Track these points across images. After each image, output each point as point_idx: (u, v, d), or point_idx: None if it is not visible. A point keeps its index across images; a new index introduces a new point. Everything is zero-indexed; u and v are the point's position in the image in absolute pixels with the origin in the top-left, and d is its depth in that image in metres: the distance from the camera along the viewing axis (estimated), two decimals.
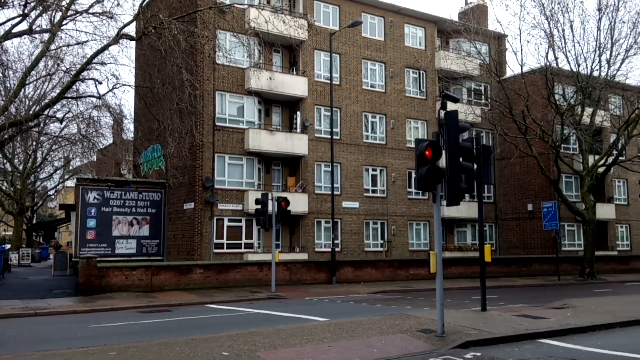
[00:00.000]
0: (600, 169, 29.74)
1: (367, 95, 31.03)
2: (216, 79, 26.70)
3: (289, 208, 20.67)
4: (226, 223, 26.46)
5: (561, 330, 11.14)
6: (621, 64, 28.31)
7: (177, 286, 21.39)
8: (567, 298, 17.38)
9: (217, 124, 26.64)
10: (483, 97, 35.06)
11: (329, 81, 28.04)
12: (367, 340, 10.05)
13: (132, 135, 30.59)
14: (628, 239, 38.89)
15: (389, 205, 31.10)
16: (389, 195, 31.23)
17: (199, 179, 25.91)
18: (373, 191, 30.96)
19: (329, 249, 25.93)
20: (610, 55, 28.10)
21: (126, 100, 41.58)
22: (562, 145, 30.88)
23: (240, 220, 26.81)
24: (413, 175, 28.84)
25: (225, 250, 26.21)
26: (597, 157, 30.70)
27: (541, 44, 35.18)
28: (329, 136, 27.18)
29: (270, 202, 20.33)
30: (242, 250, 26.45)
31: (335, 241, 27.11)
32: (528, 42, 65.95)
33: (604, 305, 15.17)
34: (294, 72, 28.89)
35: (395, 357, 8.94)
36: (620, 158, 30.62)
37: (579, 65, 28.59)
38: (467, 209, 31.02)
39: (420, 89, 33.16)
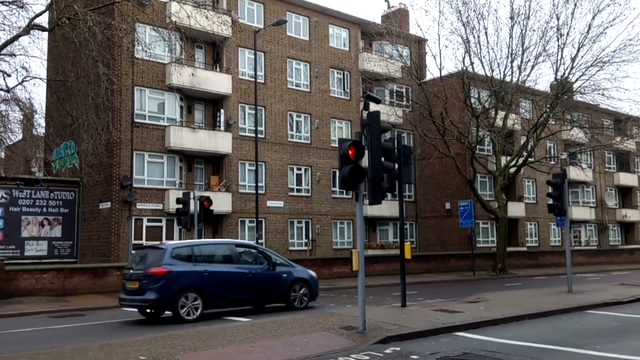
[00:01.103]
0: (512, 170, 31.35)
1: (292, 94, 31.06)
2: (135, 73, 25.78)
3: (211, 207, 20.31)
4: (145, 223, 25.61)
5: (475, 323, 11.61)
6: (531, 70, 29.97)
7: (92, 289, 20.43)
8: (481, 292, 18.17)
9: (136, 120, 25.74)
10: (404, 99, 36.06)
11: (253, 79, 27.77)
12: (290, 339, 10.02)
13: (43, 131, 28.89)
14: (536, 236, 41.30)
15: (313, 205, 31.29)
16: (313, 194, 31.42)
17: (116, 178, 24.91)
18: (298, 190, 31.04)
19: None
20: (521, 61, 29.67)
21: (37, 94, 39.11)
22: (477, 147, 32.30)
23: (160, 220, 26.03)
24: (337, 174, 29.19)
25: None
26: (508, 158, 32.32)
27: (458, 49, 36.68)
28: (254, 135, 26.92)
29: (192, 202, 19.85)
30: None
31: (260, 240, 26.91)
32: (446, 46, 68.67)
33: (515, 298, 15.98)
34: (218, 69, 28.43)
35: (317, 355, 8.97)
36: (529, 159, 32.39)
37: (492, 71, 30.02)
38: (389, 207, 31.78)
39: (344, 89, 33.60)
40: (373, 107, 11.29)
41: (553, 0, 38.76)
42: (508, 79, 29.95)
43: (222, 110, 28.25)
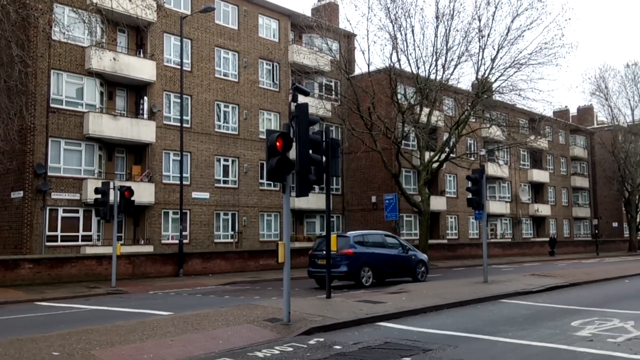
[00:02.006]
0: (435, 165, 32.38)
1: (220, 84, 30.51)
2: (52, 56, 24.41)
3: (133, 198, 19.54)
4: (61, 214, 24.41)
5: (397, 313, 11.90)
6: (454, 69, 31.00)
7: (1, 283, 19.23)
8: (404, 283, 18.68)
9: (52, 105, 24.41)
10: (333, 92, 36.33)
11: (179, 67, 27.01)
12: (213, 333, 9.85)
13: None
14: (456, 229, 42.98)
15: (240, 196, 30.96)
16: (240, 186, 31.08)
17: (29, 165, 23.53)
18: (224, 182, 30.58)
19: (177, 241, 25.08)
20: (445, 60, 30.64)
21: None
22: (403, 142, 33.10)
23: (77, 211, 24.88)
24: (265, 166, 29.00)
25: (59, 243, 24.18)
26: (432, 153, 33.35)
27: (386, 45, 37.17)
28: (179, 124, 26.23)
29: (112, 192, 19.05)
30: (80, 243, 24.60)
31: (184, 233, 26.30)
32: (375, 42, 69.80)
33: (435, 289, 16.53)
34: (141, 55, 27.43)
35: (241, 347, 8.87)
36: (451, 155, 33.58)
37: (418, 68, 30.83)
38: (316, 200, 31.98)
39: (273, 81, 33.39)
40: (302, 99, 11.23)
41: (475, 2, 40.32)
42: (433, 76, 30.84)
43: (145, 98, 27.31)
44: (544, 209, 52.27)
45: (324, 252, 16.97)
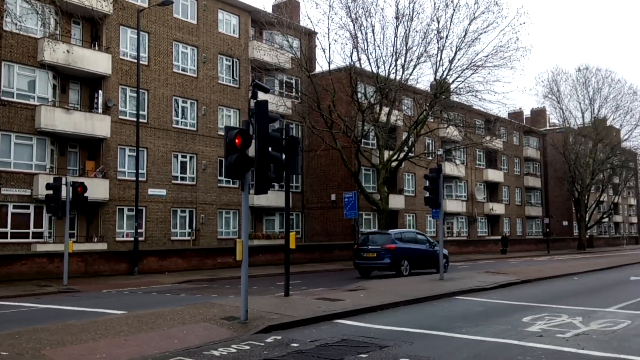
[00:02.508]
0: (394, 164, 32.75)
1: (178, 79, 30.01)
2: (3, 47, 23.54)
3: (86, 194, 19.02)
4: (11, 210, 23.57)
5: (355, 310, 11.97)
6: (413, 69, 31.41)
7: None
8: (362, 281, 18.83)
9: (3, 98, 23.54)
10: (294, 90, 36.26)
11: (136, 60, 26.42)
12: (168, 332, 9.68)
13: None
14: (414, 227, 43.56)
15: (198, 193, 30.55)
16: (198, 183, 30.67)
17: None
18: (182, 178, 30.12)
19: (132, 239, 24.54)
20: (405, 60, 31.01)
21: None
22: (363, 140, 33.35)
23: (28, 207, 24.07)
24: (224, 163, 28.75)
25: (9, 240, 23.39)
26: (391, 152, 33.72)
27: (347, 44, 37.46)
28: (135, 119, 25.65)
29: (64, 188, 18.48)
30: (31, 240, 23.82)
31: (139, 230, 25.78)
32: (335, 41, 69.82)
33: (392, 286, 16.72)
34: (97, 48, 26.70)
35: (196, 346, 8.74)
36: (410, 154, 34.04)
37: (378, 68, 31.09)
38: (276, 198, 31.87)
39: (233, 77, 33.07)
40: (262, 96, 11.15)
41: (434, 3, 40.91)
42: (392, 76, 31.17)
43: (100, 92, 26.60)
44: (498, 208, 53.60)
45: (370, 247, 22.36)
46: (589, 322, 10.76)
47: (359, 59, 31.02)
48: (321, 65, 35.71)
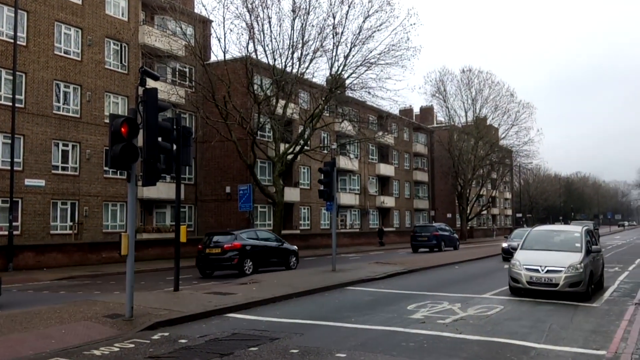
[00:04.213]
0: (290, 157, 32.88)
1: (60, 61, 27.98)
2: None
3: None
4: None
5: (247, 303, 11.89)
6: (310, 63, 31.64)
7: None
8: (254, 274, 18.74)
9: None
10: (187, 79, 35.16)
11: (12, 41, 24.28)
12: (45, 331, 9.02)
13: None
14: (309, 219, 44.16)
15: (81, 185, 28.74)
16: (82, 173, 28.85)
17: None
18: (63, 168, 28.18)
19: (6, 232, 22.61)
20: (301, 54, 31.16)
21: None
22: (259, 133, 33.14)
23: None
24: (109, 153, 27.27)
25: None
26: (287, 145, 33.82)
27: (243, 34, 36.86)
28: (10, 103, 23.58)
29: None
30: None
31: (14, 223, 23.79)
32: (231, 30, 68.28)
33: (285, 278, 16.81)
34: None
35: (76, 346, 8.22)
36: (306, 147, 34.35)
37: (275, 60, 30.97)
38: (167, 190, 30.81)
39: (122, 62, 31.41)
40: (152, 84, 10.76)
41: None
42: (289, 69, 31.22)
43: None
44: (389, 201, 55.76)
45: (423, 234, 34.92)
46: (466, 308, 11.49)
47: (255, 50, 30.75)
48: (216, 55, 35.07)
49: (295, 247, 23.27)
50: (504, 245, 25.88)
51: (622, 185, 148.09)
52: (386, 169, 55.62)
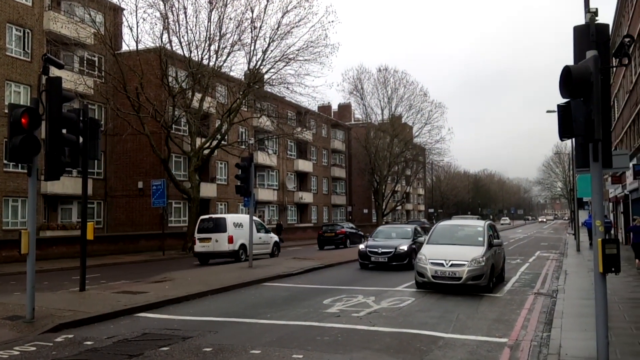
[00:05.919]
0: (206, 151, 32.22)
1: None
2: None
3: None
4: None
5: (159, 302, 11.51)
6: (227, 56, 31.13)
7: None
8: (169, 272, 18.20)
9: None
10: (97, 68, 33.47)
11: None
12: None
13: None
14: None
15: None
16: None
17: None
18: None
19: None
20: (219, 47, 30.57)
21: None
22: (173, 126, 32.19)
23: None
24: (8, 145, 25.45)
25: None
26: (203, 140, 33.12)
27: (156, 24, 35.60)
28: None
29: None
30: None
31: None
32: (144, 19, 65.71)
33: (200, 276, 16.46)
34: None
35: None
36: (223, 142, 33.79)
37: (191, 52, 30.17)
38: (73, 185, 29.27)
39: (25, 49, 29.41)
40: (57, 72, 10.12)
41: None
42: (206, 62, 30.54)
43: None
44: (307, 197, 56.11)
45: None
46: (380, 300, 11.77)
47: (170, 41, 29.82)
48: (128, 44, 33.69)
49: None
50: (361, 247, 19.82)
51: (524, 182, 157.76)
52: (305, 165, 55.91)
